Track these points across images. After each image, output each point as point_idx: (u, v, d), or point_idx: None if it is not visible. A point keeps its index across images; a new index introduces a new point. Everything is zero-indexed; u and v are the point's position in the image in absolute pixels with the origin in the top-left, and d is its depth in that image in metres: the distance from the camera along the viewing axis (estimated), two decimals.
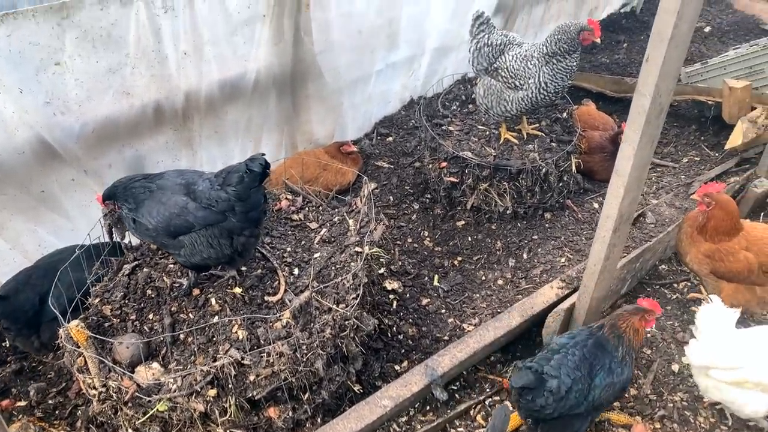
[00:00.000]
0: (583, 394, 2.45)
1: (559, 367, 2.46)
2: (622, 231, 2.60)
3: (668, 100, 2.21)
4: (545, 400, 2.40)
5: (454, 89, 4.54)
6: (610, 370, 2.51)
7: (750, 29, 6.39)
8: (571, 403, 2.43)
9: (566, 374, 2.43)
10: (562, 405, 2.42)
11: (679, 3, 1.92)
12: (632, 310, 2.62)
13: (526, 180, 3.66)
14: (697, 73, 5.03)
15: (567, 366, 2.46)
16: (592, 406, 2.49)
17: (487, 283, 3.53)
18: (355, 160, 4.27)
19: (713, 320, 2.64)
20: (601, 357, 2.53)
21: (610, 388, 2.50)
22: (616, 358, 2.53)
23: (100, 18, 2.79)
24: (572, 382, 2.42)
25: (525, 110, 3.61)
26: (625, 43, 6.32)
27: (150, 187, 2.45)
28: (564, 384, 2.41)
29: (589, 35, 3.34)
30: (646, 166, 2.43)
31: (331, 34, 3.93)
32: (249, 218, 2.47)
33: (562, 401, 2.41)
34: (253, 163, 2.37)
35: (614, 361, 2.53)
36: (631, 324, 2.58)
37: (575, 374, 2.44)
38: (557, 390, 2.40)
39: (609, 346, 2.56)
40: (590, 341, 2.57)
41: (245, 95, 3.69)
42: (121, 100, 3.10)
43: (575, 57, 3.41)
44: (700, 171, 4.35)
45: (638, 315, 2.59)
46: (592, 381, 2.48)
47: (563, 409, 2.43)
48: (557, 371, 2.44)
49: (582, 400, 2.45)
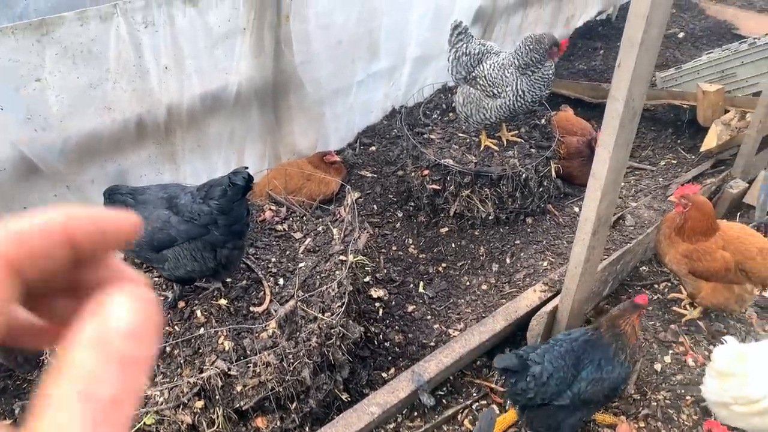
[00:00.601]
0: (566, 383, 2.51)
1: (543, 354, 2.55)
2: (601, 233, 2.65)
3: (641, 103, 2.27)
4: (527, 384, 2.49)
5: (434, 98, 4.60)
6: (599, 366, 2.55)
7: (722, 34, 6.54)
8: (552, 390, 2.49)
9: (549, 361, 2.52)
10: (543, 391, 2.49)
11: (648, 8, 1.98)
12: (629, 308, 2.66)
13: (507, 186, 3.71)
14: (672, 77, 5.14)
15: (551, 354, 2.55)
16: (579, 399, 2.53)
17: (471, 288, 3.57)
18: (339, 170, 4.30)
19: (730, 360, 2.54)
20: (591, 352, 2.58)
21: (597, 384, 2.53)
22: (608, 355, 2.57)
23: (80, 34, 2.80)
24: (554, 369, 2.50)
25: (503, 117, 3.67)
26: (601, 49, 6.44)
27: (130, 203, 2.46)
28: (546, 370, 2.49)
29: (554, 53, 3.41)
30: (622, 169, 2.48)
31: (312, 45, 3.96)
32: (232, 231, 2.48)
33: (544, 387, 2.48)
34: (236, 177, 2.39)
35: (605, 357, 2.56)
36: (629, 322, 2.63)
37: (558, 363, 2.52)
38: (539, 375, 2.48)
39: (602, 343, 2.60)
40: (582, 338, 2.63)
41: (227, 108, 3.71)
42: (103, 115, 3.11)
43: (549, 65, 3.46)
44: (677, 173, 4.44)
45: (636, 312, 2.64)
46: (579, 373, 2.53)
47: (545, 395, 2.50)
48: (541, 358, 2.53)
49: (564, 388, 2.51)
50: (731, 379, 2.47)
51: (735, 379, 2.46)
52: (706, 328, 3.30)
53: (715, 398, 2.60)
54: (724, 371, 2.48)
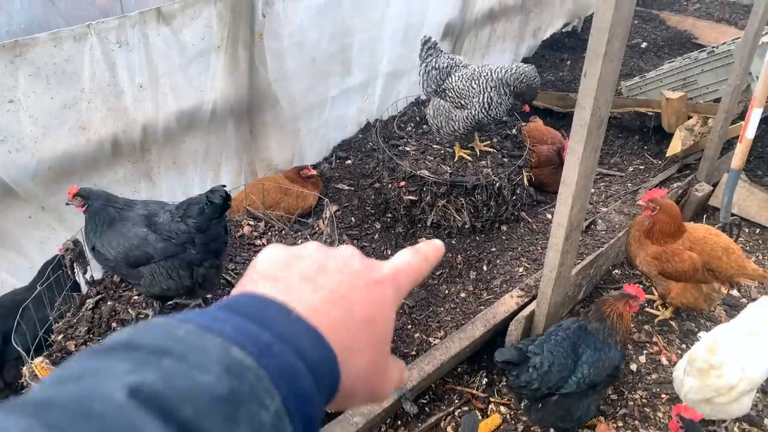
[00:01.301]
0: (568, 369, 2.58)
1: (541, 345, 2.63)
2: (574, 238, 2.73)
3: (607, 111, 2.36)
4: (529, 375, 2.55)
5: (408, 111, 4.67)
6: (596, 348, 2.63)
7: (683, 43, 6.78)
8: (556, 378, 2.55)
9: (548, 350, 2.60)
10: (547, 380, 2.55)
11: (610, 21, 2.08)
12: (617, 296, 2.76)
13: (481, 195, 3.79)
14: (637, 86, 5.31)
15: (549, 344, 2.63)
16: (585, 384, 2.58)
17: (450, 296, 3.62)
18: (315, 184, 4.34)
19: (705, 355, 2.59)
20: (585, 337, 2.67)
21: (599, 364, 2.61)
22: (599, 340, 2.66)
23: (53, 54, 2.81)
24: (554, 357, 2.57)
25: (471, 128, 3.75)
26: (568, 60, 6.62)
27: (114, 217, 2.47)
28: (546, 360, 2.56)
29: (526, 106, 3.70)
30: (592, 175, 2.57)
31: (286, 62, 4.01)
32: (209, 249, 2.49)
33: (547, 376, 2.55)
34: (214, 195, 2.41)
35: (598, 341, 2.66)
36: (615, 308, 2.71)
37: (557, 350, 2.60)
38: (540, 365, 2.55)
39: (591, 328, 2.70)
40: (574, 325, 2.72)
41: (203, 125, 3.73)
42: (78, 136, 3.10)
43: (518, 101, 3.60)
44: (645, 178, 4.57)
45: (623, 300, 2.72)
46: (579, 358, 2.61)
47: (549, 383, 2.56)
48: (540, 349, 2.60)
49: (567, 374, 2.58)
50: (712, 372, 2.55)
51: (714, 371, 2.54)
52: (678, 327, 3.40)
53: (698, 396, 2.63)
54: (704, 367, 2.56)
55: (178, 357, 0.42)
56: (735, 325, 2.75)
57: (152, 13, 3.10)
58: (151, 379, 0.39)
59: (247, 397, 0.42)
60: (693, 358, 2.63)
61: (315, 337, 0.52)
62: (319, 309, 0.54)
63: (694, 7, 7.71)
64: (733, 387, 2.53)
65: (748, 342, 2.63)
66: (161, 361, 0.41)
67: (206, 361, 0.42)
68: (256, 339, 0.46)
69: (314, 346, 0.51)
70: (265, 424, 0.42)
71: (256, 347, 0.45)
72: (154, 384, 0.39)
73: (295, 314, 0.52)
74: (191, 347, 0.43)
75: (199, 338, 0.44)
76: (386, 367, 0.62)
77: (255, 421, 0.41)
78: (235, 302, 0.52)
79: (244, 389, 0.42)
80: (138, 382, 0.39)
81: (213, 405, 0.40)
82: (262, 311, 0.51)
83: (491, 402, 3.03)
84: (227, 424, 0.40)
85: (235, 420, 0.40)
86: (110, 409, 0.37)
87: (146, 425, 0.37)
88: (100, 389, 0.38)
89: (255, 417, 0.41)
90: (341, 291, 0.57)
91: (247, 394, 0.42)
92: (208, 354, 0.43)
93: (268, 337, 0.47)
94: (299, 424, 0.46)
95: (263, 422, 0.42)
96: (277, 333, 0.48)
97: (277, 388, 0.44)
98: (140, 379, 0.39)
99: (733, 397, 2.56)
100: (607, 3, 2.06)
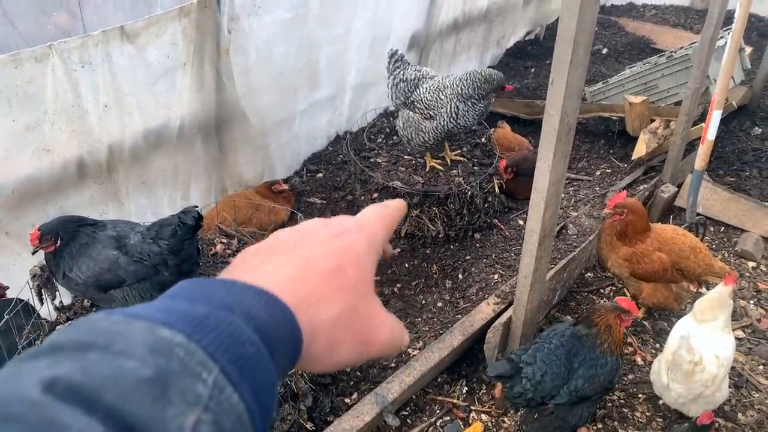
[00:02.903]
0: (561, 378, 2.54)
1: (534, 354, 2.58)
2: (547, 243, 2.76)
3: (575, 118, 2.40)
4: (523, 386, 2.52)
5: (378, 122, 4.69)
6: (592, 362, 2.59)
7: (642, 48, 6.97)
8: (549, 387, 2.52)
9: (542, 360, 2.55)
10: (540, 389, 2.52)
11: (574, 30, 2.12)
12: (610, 307, 2.70)
13: (454, 203, 3.81)
14: (600, 91, 5.43)
15: (542, 353, 2.58)
16: (577, 396, 2.56)
17: (427, 306, 3.62)
18: (287, 198, 4.31)
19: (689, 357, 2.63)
20: (579, 347, 2.63)
21: (594, 379, 2.57)
22: (592, 351, 2.62)
23: (14, 76, 2.74)
24: (547, 366, 2.53)
25: (441, 138, 3.78)
26: (532, 68, 6.74)
27: (88, 240, 2.41)
28: (539, 369, 2.52)
29: (500, 93, 3.66)
30: (562, 180, 2.61)
31: (253, 77, 3.99)
32: (182, 271, 2.45)
33: (540, 385, 2.51)
34: (186, 216, 2.39)
35: (594, 352, 2.62)
36: (605, 320, 2.65)
37: (550, 359, 2.56)
38: (533, 375, 2.51)
39: (581, 335, 2.66)
40: (569, 332, 2.69)
41: (170, 143, 3.68)
42: (42, 158, 3.03)
43: (487, 101, 3.63)
44: (612, 182, 4.66)
45: (615, 313, 2.67)
46: (573, 367, 2.57)
47: (543, 393, 2.53)
48: (533, 358, 2.56)
49: (560, 384, 2.54)
50: (696, 369, 2.59)
51: (698, 367, 2.58)
52: (652, 327, 3.46)
53: (689, 398, 2.67)
54: (689, 368, 2.59)
55: (102, 348, 0.41)
56: (689, 320, 2.81)
57: (115, 32, 3.06)
58: (67, 372, 0.39)
59: (178, 374, 0.41)
60: (675, 364, 2.64)
61: (263, 296, 0.53)
62: (270, 273, 0.57)
63: (651, 13, 7.94)
64: (716, 375, 2.60)
65: (706, 330, 2.71)
66: (84, 355, 0.41)
67: (130, 347, 0.42)
68: (188, 315, 0.46)
69: (263, 305, 0.52)
70: (202, 397, 0.41)
71: (189, 324, 0.45)
72: (69, 376, 0.39)
73: (241, 283, 0.53)
74: (115, 336, 0.43)
75: (124, 326, 0.44)
76: (370, 312, 0.63)
77: (190, 396, 0.41)
78: (175, 289, 0.53)
79: (174, 366, 0.42)
80: (52, 376, 0.38)
81: (138, 387, 0.39)
82: (203, 289, 0.51)
83: (472, 410, 3.04)
84: (157, 403, 0.39)
85: (166, 398, 0.40)
86: (26, 408, 0.36)
87: (64, 417, 0.36)
88: (15, 391, 0.38)
89: (189, 392, 0.41)
90: (296, 254, 0.60)
91: (177, 370, 0.42)
92: (132, 339, 0.43)
93: (202, 311, 0.47)
94: (247, 390, 0.45)
95: (200, 395, 0.41)
96: (218, 305, 0.49)
97: (214, 359, 0.44)
98: (55, 373, 0.39)
99: (717, 386, 2.63)
100: (571, 11, 2.10)
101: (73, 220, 2.46)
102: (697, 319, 2.76)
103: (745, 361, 3.24)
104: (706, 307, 2.74)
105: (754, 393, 3.06)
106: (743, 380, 3.11)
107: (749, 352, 3.31)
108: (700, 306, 2.77)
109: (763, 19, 7.19)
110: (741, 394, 3.06)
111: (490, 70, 3.59)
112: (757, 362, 3.25)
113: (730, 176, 4.77)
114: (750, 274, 3.87)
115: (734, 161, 4.93)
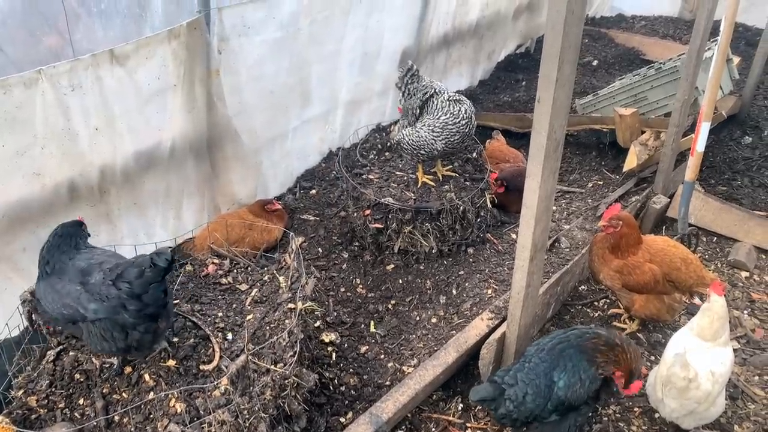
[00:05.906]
0: (543, 397, 2.53)
1: (515, 375, 2.59)
2: (539, 258, 2.76)
3: (563, 134, 2.42)
4: (506, 408, 2.52)
5: (370, 138, 4.70)
6: (569, 367, 2.57)
7: (632, 60, 7.02)
8: (531, 406, 2.52)
9: (522, 380, 2.56)
10: (524, 410, 2.52)
11: (560, 48, 2.14)
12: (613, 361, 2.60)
13: (446, 219, 3.82)
14: (590, 103, 5.46)
15: (522, 372, 2.59)
16: (564, 408, 2.55)
17: (421, 323, 3.61)
18: (281, 217, 4.31)
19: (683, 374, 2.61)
20: (562, 360, 2.60)
21: (575, 387, 2.55)
22: (583, 366, 2.60)
23: (3, 102, 2.74)
24: (527, 386, 2.54)
25: (450, 149, 3.82)
26: (524, 81, 6.78)
27: (59, 267, 2.41)
28: (520, 390, 2.53)
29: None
30: (552, 196, 2.62)
31: (245, 96, 4.01)
32: (145, 314, 2.35)
33: (522, 406, 2.51)
34: (159, 258, 2.29)
35: (577, 365, 2.59)
36: (610, 367, 2.60)
37: (530, 377, 2.56)
38: (515, 396, 2.52)
39: (578, 350, 2.63)
40: (550, 344, 2.67)
41: (162, 164, 3.68)
42: (32, 182, 3.03)
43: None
44: (604, 194, 4.68)
45: (620, 372, 2.60)
46: (553, 382, 2.56)
47: (528, 413, 2.52)
48: (514, 379, 2.57)
49: (542, 403, 2.53)
50: (691, 386, 2.58)
51: (692, 384, 2.58)
52: (646, 339, 3.46)
53: (683, 413, 2.68)
54: (683, 385, 2.58)
55: None
56: (687, 334, 2.81)
57: (105, 55, 3.07)
58: None
59: None
60: (670, 381, 2.62)
61: None
62: None
63: (640, 24, 8.00)
64: (710, 393, 2.59)
65: (703, 345, 2.70)
66: None
67: None
68: None
69: None
70: None
71: None
72: None
73: None
74: None
75: None
76: None
77: None
78: None
79: None
80: None
81: None
82: None
83: (468, 427, 3.02)
84: None
85: None
86: None
87: None
88: None
89: None
90: None
91: None
92: None
93: None
94: None
95: None
96: None
97: None
98: None
99: (711, 402, 2.63)
100: (556, 29, 2.11)
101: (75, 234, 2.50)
102: (698, 335, 2.75)
103: (741, 372, 3.23)
104: (707, 325, 2.73)
105: (750, 404, 3.06)
106: (738, 392, 3.11)
107: (744, 362, 3.30)
108: (700, 323, 2.76)
109: (751, 28, 7.25)
110: (737, 405, 3.05)
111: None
112: (752, 373, 3.24)
113: (721, 185, 4.79)
114: (743, 284, 3.87)
115: (725, 170, 4.96)
